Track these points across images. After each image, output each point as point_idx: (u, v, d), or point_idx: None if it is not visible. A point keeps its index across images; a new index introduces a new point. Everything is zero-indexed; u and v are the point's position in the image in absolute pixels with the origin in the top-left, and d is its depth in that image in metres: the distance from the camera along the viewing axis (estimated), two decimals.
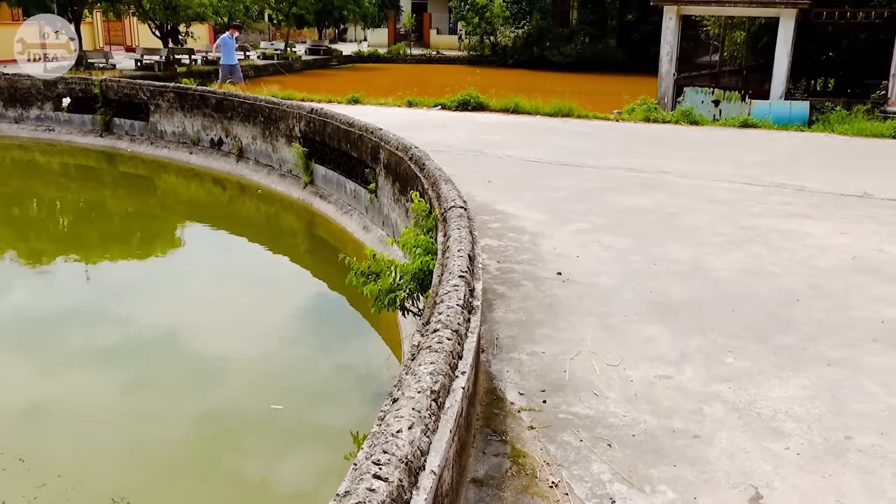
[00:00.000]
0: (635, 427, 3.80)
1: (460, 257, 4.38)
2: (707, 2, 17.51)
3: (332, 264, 7.03)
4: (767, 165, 10.62)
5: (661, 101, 17.77)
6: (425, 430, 2.62)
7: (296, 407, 6.21)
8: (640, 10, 31.72)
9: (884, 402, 4.10)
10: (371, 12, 41.93)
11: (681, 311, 5.33)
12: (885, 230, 7.42)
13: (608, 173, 9.95)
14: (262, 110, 13.58)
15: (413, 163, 7.95)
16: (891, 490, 3.31)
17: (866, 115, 14.60)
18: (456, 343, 3.35)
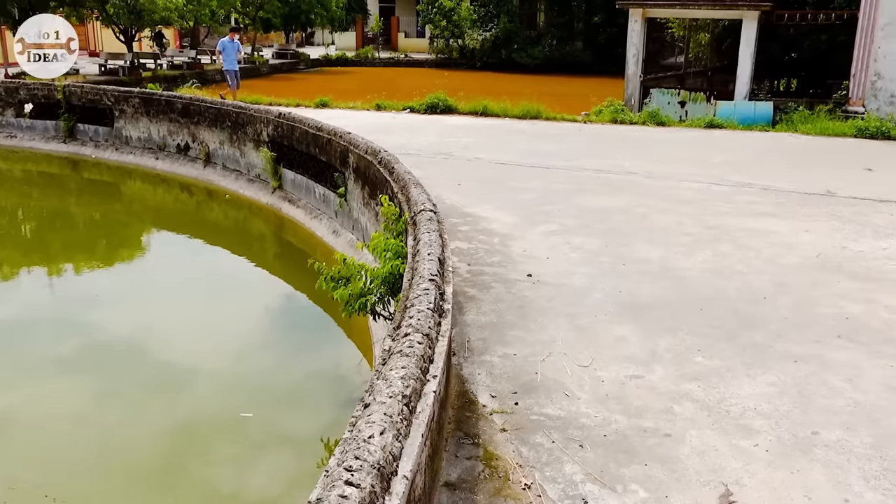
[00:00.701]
0: (607, 427, 3.82)
1: (430, 261, 4.37)
2: (671, 4, 17.71)
3: (302, 269, 6.98)
4: (733, 165, 10.76)
5: (628, 103, 17.93)
6: (397, 435, 2.61)
7: (266, 414, 6.15)
8: (606, 13, 31.97)
9: (849, 397, 4.16)
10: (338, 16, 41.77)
11: (650, 311, 5.38)
12: (847, 228, 7.55)
13: (577, 175, 10.01)
14: (229, 115, 13.46)
15: (382, 166, 7.93)
16: (857, 484, 3.36)
17: (828, 114, 14.85)
18: (427, 347, 3.34)
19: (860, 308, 5.46)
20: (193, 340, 7.56)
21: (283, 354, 7.45)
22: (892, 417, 3.94)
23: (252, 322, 8.12)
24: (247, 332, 7.80)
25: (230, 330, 7.82)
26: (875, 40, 13.84)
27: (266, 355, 7.36)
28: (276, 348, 7.59)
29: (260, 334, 7.86)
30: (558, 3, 36.38)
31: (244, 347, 7.45)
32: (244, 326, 7.96)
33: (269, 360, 7.26)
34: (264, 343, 7.65)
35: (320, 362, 7.26)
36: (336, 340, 7.61)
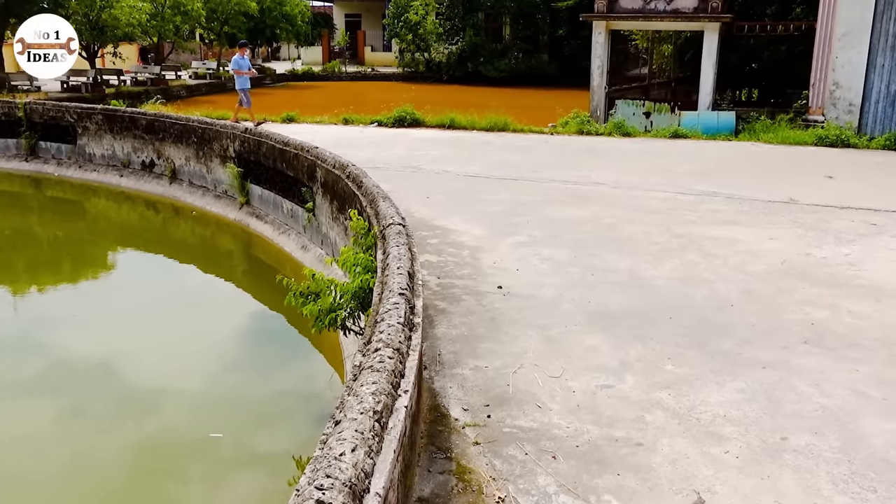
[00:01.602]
0: (579, 438, 3.83)
1: (400, 275, 4.35)
2: (634, 17, 17.94)
3: (271, 285, 6.93)
4: (698, 174, 10.90)
5: (594, 114, 18.11)
6: (369, 452, 2.58)
7: (236, 432, 6.07)
8: (570, 26, 32.30)
9: (816, 402, 4.21)
10: (304, 30, 41.74)
11: (620, 321, 5.41)
12: (810, 234, 7.67)
13: (545, 186, 10.07)
14: (194, 131, 13.35)
15: (351, 181, 7.90)
16: (826, 488, 3.40)
17: (789, 123, 15.12)
18: (398, 361, 3.32)
19: (825, 314, 5.55)
20: (161, 359, 7.45)
21: (253, 371, 7.37)
22: (859, 421, 4.00)
23: (221, 340, 8.02)
24: (216, 350, 7.71)
25: (199, 348, 7.72)
26: (833, 50, 14.15)
27: (236, 373, 7.28)
28: (246, 365, 7.51)
29: (229, 352, 7.77)
30: (523, 16, 36.69)
31: (213, 365, 7.36)
32: (213, 344, 7.86)
33: (239, 378, 7.18)
34: (234, 360, 7.57)
35: (291, 379, 7.19)
36: (306, 356, 7.55)
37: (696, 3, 17.18)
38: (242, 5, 34.38)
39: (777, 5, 18.53)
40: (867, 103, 14.06)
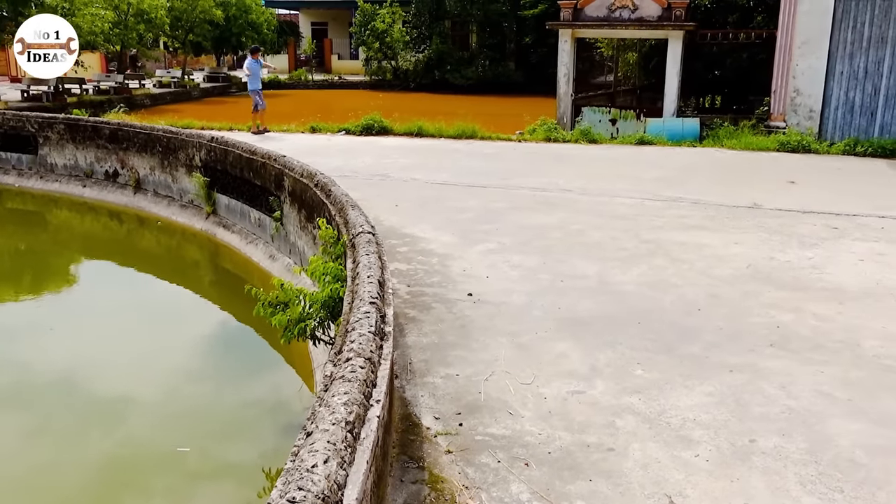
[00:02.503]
0: (551, 444, 3.83)
1: (370, 283, 4.33)
2: (599, 25, 18.13)
3: (239, 295, 6.85)
4: (664, 180, 11.02)
5: (561, 121, 18.24)
6: (341, 463, 2.56)
7: (204, 444, 5.98)
8: (536, 34, 32.51)
9: (783, 404, 4.27)
10: (270, 38, 41.46)
11: (590, 326, 5.44)
12: (774, 239, 7.79)
13: (513, 193, 10.11)
14: (159, 140, 13.18)
15: (319, 189, 7.86)
16: (794, 489, 3.44)
17: (752, 129, 15.36)
18: (369, 371, 3.30)
19: (790, 317, 5.63)
20: (127, 372, 7.32)
21: (221, 383, 7.28)
22: (825, 422, 4.06)
23: (188, 351, 7.92)
24: (183, 362, 7.60)
25: (166, 360, 7.61)
26: (793, 58, 14.42)
27: (204, 385, 7.18)
28: (215, 377, 7.41)
29: (197, 363, 7.67)
30: (490, 24, 36.86)
31: (181, 378, 7.25)
32: (180, 356, 7.75)
33: (208, 390, 7.09)
34: (202, 372, 7.47)
35: (260, 390, 7.11)
36: (275, 367, 7.47)
37: (659, 12, 17.42)
38: (208, 13, 34.07)
39: (739, 14, 18.84)
40: (827, 109, 14.34)
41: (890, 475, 3.56)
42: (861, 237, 7.87)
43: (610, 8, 17.85)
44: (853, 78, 14.03)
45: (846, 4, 13.83)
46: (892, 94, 13.80)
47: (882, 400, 4.33)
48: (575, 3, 18.12)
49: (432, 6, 36.73)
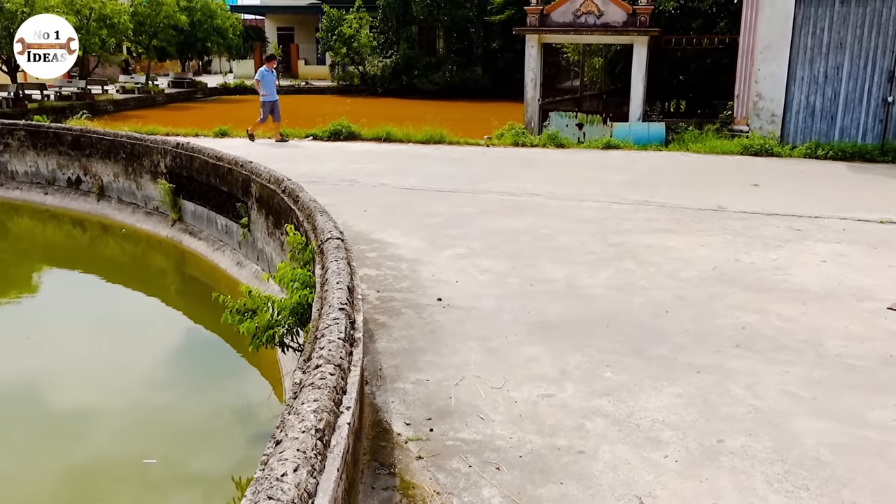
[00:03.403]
0: (522, 448, 3.84)
1: (339, 289, 4.31)
2: (566, 31, 18.27)
3: (206, 303, 6.77)
4: (631, 184, 11.13)
5: (529, 126, 18.33)
6: (312, 471, 2.53)
7: (172, 456, 5.89)
8: (503, 39, 32.69)
9: (749, 404, 4.33)
10: (236, 43, 41.21)
11: (559, 330, 5.46)
12: (739, 241, 7.90)
13: (481, 198, 10.13)
14: (123, 146, 13.00)
15: (286, 195, 7.80)
16: (761, 488, 3.49)
17: (716, 133, 15.57)
18: (339, 378, 3.27)
19: (755, 318, 5.71)
20: (91, 383, 7.19)
21: (189, 393, 7.18)
22: (791, 421, 4.12)
23: (155, 361, 7.80)
24: (149, 372, 7.49)
25: (131, 370, 7.49)
26: (755, 63, 14.65)
27: (171, 394, 7.08)
28: (182, 387, 7.32)
29: (164, 373, 7.56)
30: (457, 29, 36.98)
31: (147, 388, 7.14)
32: (146, 366, 7.64)
33: (175, 400, 6.99)
34: (168, 382, 7.36)
35: (228, 398, 7.03)
36: (244, 375, 7.39)
37: (624, 18, 17.60)
38: (172, 18, 33.74)
39: (702, 20, 19.10)
40: (788, 114, 14.59)
41: (854, 472, 3.62)
42: (823, 239, 8.01)
43: (576, 14, 18.00)
44: (813, 82, 14.30)
45: (806, 11, 14.10)
46: (852, 99, 14.09)
47: (845, 398, 4.41)
48: (541, 9, 18.25)
49: (399, 11, 36.75)
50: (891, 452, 3.81)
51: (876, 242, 7.86)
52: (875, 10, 13.61)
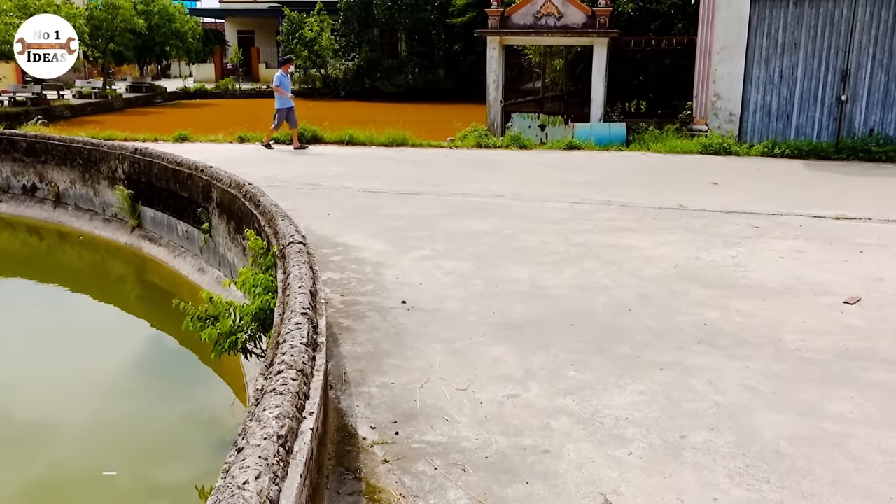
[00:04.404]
0: (487, 449, 3.84)
1: (301, 294, 4.27)
2: (526, 32, 18.37)
3: (167, 310, 6.67)
4: (593, 184, 11.22)
5: (491, 128, 18.40)
6: (274, 478, 2.51)
7: (134, 467, 5.79)
8: (465, 41, 32.75)
9: (711, 399, 4.38)
10: (195, 47, 40.67)
11: (523, 330, 5.48)
12: (699, 239, 8.01)
13: (445, 199, 10.13)
14: (80, 152, 12.77)
15: (248, 200, 7.73)
16: (723, 482, 3.53)
17: (676, 133, 15.77)
18: (301, 383, 3.24)
19: (716, 314, 5.79)
20: (50, 393, 7.04)
21: (150, 402, 7.07)
22: (751, 416, 4.18)
23: (115, 370, 7.67)
24: (110, 381, 7.36)
25: (91, 380, 7.35)
26: (713, 63, 14.87)
27: (132, 404, 6.96)
28: (143, 396, 7.20)
29: (124, 382, 7.43)
30: (418, 32, 36.96)
31: (107, 397, 7.02)
32: (106, 375, 7.50)
33: (136, 409, 6.88)
34: (129, 390, 7.24)
35: (191, 406, 6.93)
36: (207, 382, 7.30)
37: (584, 20, 17.76)
38: (129, 22, 33.18)
39: (660, 21, 19.35)
40: (746, 113, 14.84)
41: (813, 464, 3.68)
42: (781, 235, 8.16)
43: (536, 16, 18.11)
44: (769, 82, 14.56)
45: (761, 12, 14.35)
46: (806, 98, 14.37)
47: (804, 392, 4.49)
48: (502, 11, 18.33)
49: (360, 14, 36.63)
50: (848, 443, 3.89)
51: (832, 238, 8.03)
52: (827, 11, 13.91)
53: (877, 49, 13.74)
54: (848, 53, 13.90)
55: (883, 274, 6.79)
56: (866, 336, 5.36)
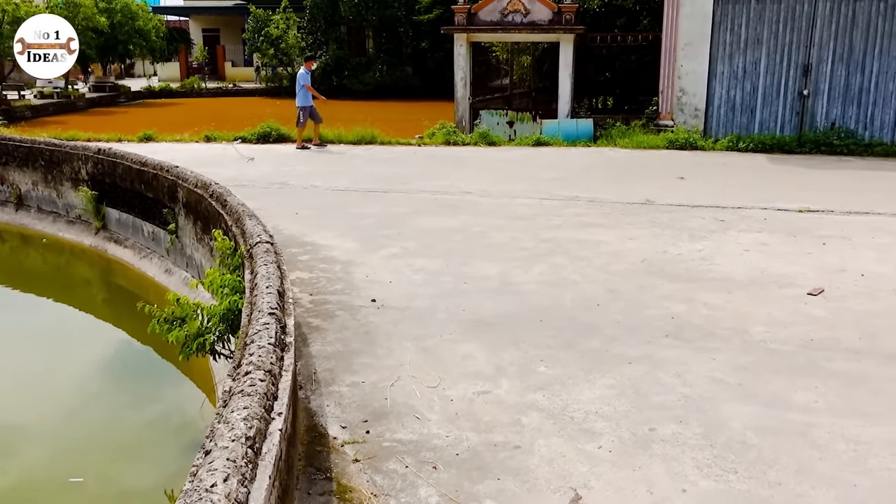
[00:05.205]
0: (458, 446, 3.85)
1: (269, 294, 4.24)
2: (493, 29, 18.40)
3: (134, 313, 6.57)
4: (561, 180, 11.28)
5: (460, 125, 18.40)
6: (242, 480, 2.48)
7: (103, 472, 5.71)
8: (433, 38, 32.72)
9: (679, 392, 4.43)
10: (159, 46, 40.12)
11: (493, 327, 5.49)
12: (666, 233, 8.09)
13: (414, 197, 10.12)
14: (42, 153, 12.55)
15: (214, 200, 7.65)
16: (692, 474, 3.57)
17: (642, 128, 15.91)
18: (270, 384, 3.22)
19: (683, 307, 5.85)
20: (15, 400, 6.91)
21: (118, 406, 6.97)
22: (719, 407, 4.23)
23: (82, 374, 7.54)
24: (76, 385, 7.24)
25: (57, 385, 7.23)
26: (677, 59, 15.03)
27: (99, 408, 6.86)
28: (111, 400, 7.10)
29: (92, 387, 7.32)
30: (386, 29, 36.82)
31: (74, 401, 6.91)
32: (72, 379, 7.38)
33: (104, 414, 6.78)
34: (96, 395, 7.13)
35: (159, 409, 6.85)
36: (175, 385, 7.22)
37: (550, 16, 17.83)
38: (91, 20, 32.61)
39: (626, 17, 19.49)
40: (711, 108, 15.02)
41: (779, 454, 3.74)
42: (746, 228, 8.27)
43: (503, 12, 18.15)
44: (733, 77, 14.74)
45: (724, 8, 14.53)
46: (769, 93, 14.58)
47: (769, 383, 4.56)
48: (469, 8, 18.33)
49: (327, 11, 36.39)
50: (813, 433, 3.95)
51: (795, 231, 8.15)
52: (789, 7, 14.12)
53: (837, 44, 13.99)
54: (809, 48, 14.13)
55: (845, 265, 6.92)
56: (829, 326, 5.46)
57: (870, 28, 13.77)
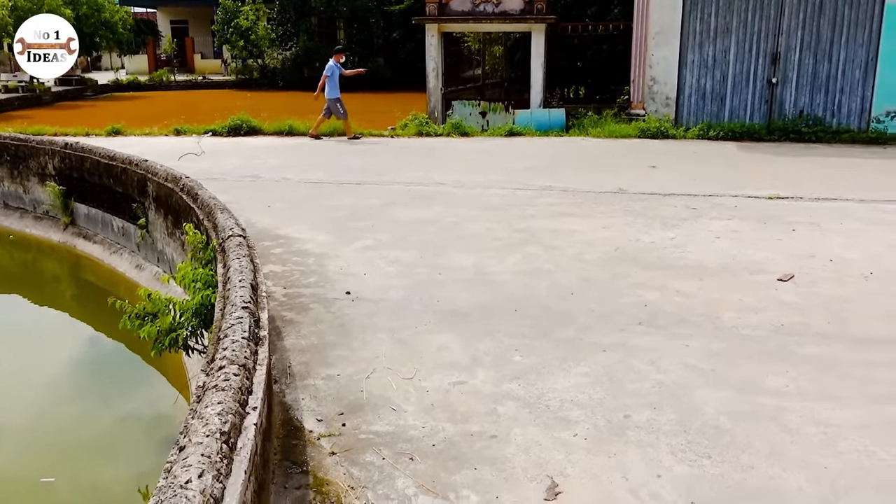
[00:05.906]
0: (435, 437, 3.85)
1: (242, 287, 4.21)
2: (465, 19, 18.35)
3: (105, 309, 6.49)
4: (534, 170, 11.30)
5: (432, 116, 18.36)
6: (217, 476, 2.46)
7: (75, 471, 5.64)
8: (404, 29, 32.55)
9: (653, 379, 4.47)
10: (126, 38, 39.48)
11: (468, 317, 5.50)
12: (639, 221, 8.14)
13: (387, 189, 10.09)
14: (7, 148, 12.33)
15: (185, 193, 7.57)
16: (666, 459, 3.61)
17: (614, 118, 15.99)
18: (244, 378, 3.19)
19: (656, 295, 5.90)
20: None
21: (90, 404, 6.89)
22: (692, 393, 4.28)
23: (54, 372, 7.44)
24: (47, 384, 7.14)
25: (27, 384, 7.13)
26: (649, 48, 15.10)
27: (71, 407, 6.77)
28: (83, 397, 7.01)
29: (63, 384, 7.22)
30: (357, 20, 36.57)
31: (44, 399, 6.81)
32: (43, 377, 7.28)
33: (76, 412, 6.69)
34: (68, 393, 7.04)
35: (132, 406, 6.78)
36: (148, 381, 7.15)
37: (522, 6, 17.82)
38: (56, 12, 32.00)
39: (597, 7, 19.57)
40: (681, 97, 15.12)
41: (752, 438, 3.79)
42: (717, 216, 8.35)
43: (474, 2, 18.10)
44: (703, 66, 14.85)
45: None
46: (739, 81, 14.71)
47: (741, 368, 4.61)
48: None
49: (297, 2, 36.07)
50: (784, 416, 4.01)
51: (765, 217, 8.25)
52: None
53: (805, 32, 14.14)
54: (778, 36, 14.28)
55: (814, 251, 7.01)
56: (799, 311, 5.53)
57: (836, 16, 13.94)
